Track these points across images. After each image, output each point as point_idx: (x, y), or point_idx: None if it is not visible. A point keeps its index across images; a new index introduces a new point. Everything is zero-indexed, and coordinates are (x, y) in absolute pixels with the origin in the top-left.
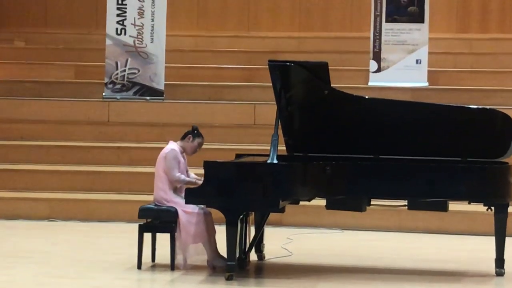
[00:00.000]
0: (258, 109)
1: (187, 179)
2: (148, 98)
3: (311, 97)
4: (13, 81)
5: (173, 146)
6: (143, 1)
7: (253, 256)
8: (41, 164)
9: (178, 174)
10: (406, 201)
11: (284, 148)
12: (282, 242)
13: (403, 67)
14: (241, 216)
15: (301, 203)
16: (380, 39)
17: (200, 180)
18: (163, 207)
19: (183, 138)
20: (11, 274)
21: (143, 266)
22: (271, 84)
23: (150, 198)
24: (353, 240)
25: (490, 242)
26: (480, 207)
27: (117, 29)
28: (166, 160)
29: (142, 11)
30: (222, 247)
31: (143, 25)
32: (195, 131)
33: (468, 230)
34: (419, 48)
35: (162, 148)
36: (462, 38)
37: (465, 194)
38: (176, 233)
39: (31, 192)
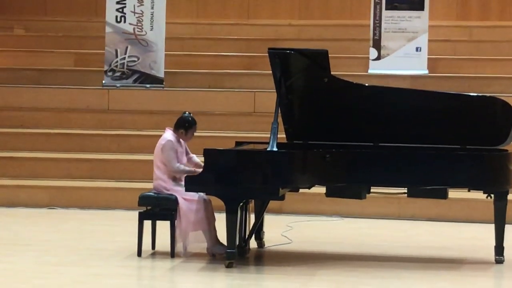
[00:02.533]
0: (258, 96)
1: (187, 168)
2: (147, 86)
3: (311, 85)
4: (12, 69)
5: (169, 136)
6: None
7: (253, 243)
8: (40, 152)
9: (177, 165)
10: (406, 188)
11: (284, 136)
12: (282, 229)
13: (403, 54)
14: (241, 204)
15: (301, 190)
16: (380, 26)
17: (199, 168)
18: (163, 194)
19: (175, 130)
20: (11, 262)
21: (143, 254)
22: (271, 72)
23: (150, 185)
24: (353, 227)
25: (489, 230)
26: (479, 195)
27: (116, 16)
28: (163, 152)
29: None
30: (222, 235)
31: (142, 12)
32: (186, 124)
33: (467, 218)
34: (419, 36)
35: (161, 136)
36: (462, 25)
37: (464, 182)
38: (176, 221)
39: (30, 180)
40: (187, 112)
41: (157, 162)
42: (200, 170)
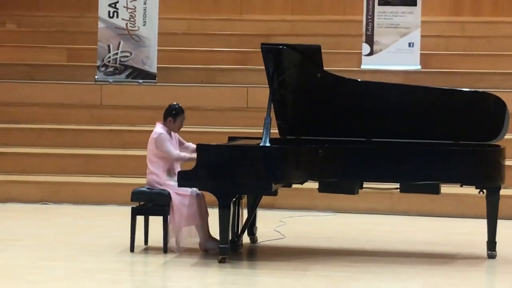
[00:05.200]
0: (250, 92)
1: (187, 155)
2: (140, 81)
3: (303, 80)
4: (5, 64)
5: (159, 129)
6: None
7: (245, 239)
8: (33, 147)
9: (176, 153)
10: (399, 184)
11: (277, 131)
12: (274, 225)
13: (395, 50)
14: (233, 199)
15: (294, 186)
16: (372, 22)
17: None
18: (156, 190)
19: (164, 120)
20: (3, 258)
21: (136, 249)
22: (263, 67)
23: (143, 181)
24: (345, 223)
25: (482, 225)
26: (472, 190)
27: (109, 12)
28: (158, 146)
29: None
30: (215, 230)
31: (135, 8)
32: (173, 111)
33: (460, 213)
34: (411, 31)
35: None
36: (454, 21)
37: (457, 177)
38: (169, 216)
39: (23, 175)
40: (174, 102)
41: (150, 156)
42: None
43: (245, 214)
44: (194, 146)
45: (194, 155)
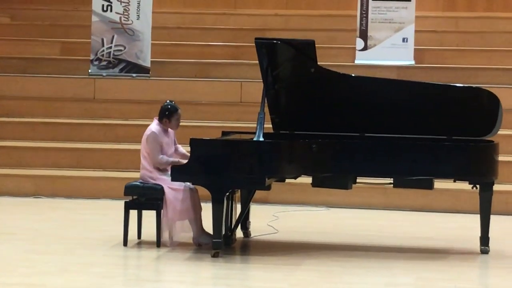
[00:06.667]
0: (244, 86)
1: (170, 159)
2: (134, 75)
3: (297, 75)
4: None
5: (153, 127)
6: None
7: (239, 233)
8: (26, 141)
9: (160, 157)
10: (392, 179)
11: (271, 126)
12: (268, 219)
13: (389, 45)
14: (227, 194)
15: (287, 180)
16: (367, 17)
17: (184, 159)
18: (149, 184)
19: (160, 120)
20: None
21: (129, 243)
22: (257, 62)
23: (136, 175)
24: (338, 218)
25: (475, 220)
26: (465, 185)
27: (103, 5)
28: (148, 143)
29: None
30: (208, 224)
31: (129, 1)
32: (167, 112)
33: (453, 208)
34: (405, 26)
35: (148, 125)
36: (448, 16)
37: (450, 172)
38: (162, 210)
39: (16, 169)
40: (168, 101)
41: (143, 152)
42: (185, 160)
43: (238, 208)
44: (184, 151)
45: (177, 159)
